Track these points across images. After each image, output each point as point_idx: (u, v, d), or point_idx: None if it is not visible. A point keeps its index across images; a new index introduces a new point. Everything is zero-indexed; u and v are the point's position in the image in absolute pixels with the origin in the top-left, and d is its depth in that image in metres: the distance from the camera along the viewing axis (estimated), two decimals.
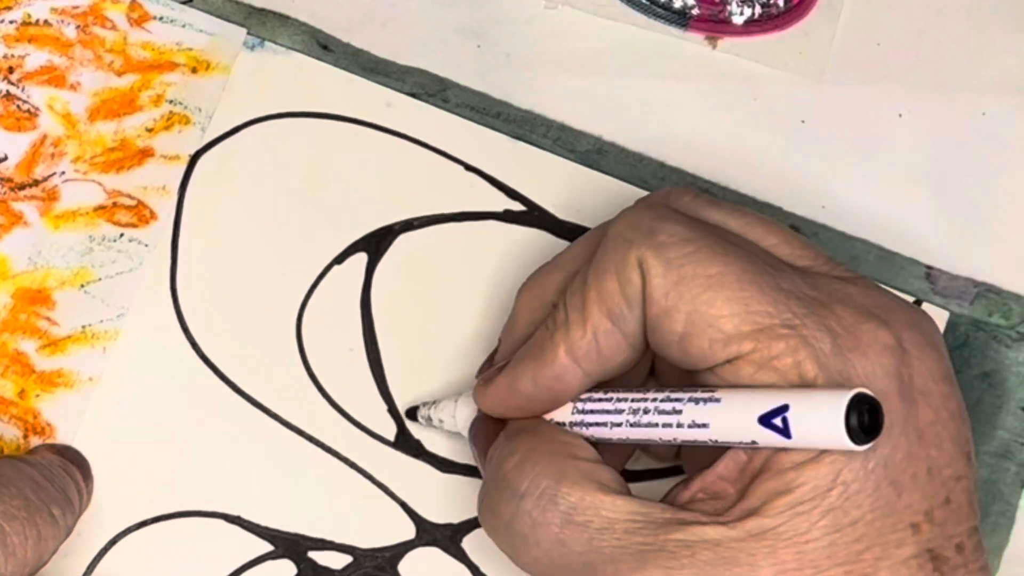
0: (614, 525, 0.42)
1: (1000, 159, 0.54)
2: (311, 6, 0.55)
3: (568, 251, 0.48)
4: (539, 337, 0.45)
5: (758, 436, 0.40)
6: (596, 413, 0.44)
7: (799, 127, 0.55)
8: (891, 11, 0.56)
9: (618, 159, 0.54)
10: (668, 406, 0.42)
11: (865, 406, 0.39)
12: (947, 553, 0.41)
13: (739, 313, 0.41)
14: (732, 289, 0.41)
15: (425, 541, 0.51)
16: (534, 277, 0.48)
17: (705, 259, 0.42)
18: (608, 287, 0.43)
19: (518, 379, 0.45)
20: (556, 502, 0.43)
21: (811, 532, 0.40)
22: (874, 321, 0.41)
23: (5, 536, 0.45)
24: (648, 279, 0.42)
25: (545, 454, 0.44)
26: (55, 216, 0.53)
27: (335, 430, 0.51)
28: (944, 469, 0.41)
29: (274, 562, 0.50)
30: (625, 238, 0.43)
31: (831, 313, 0.41)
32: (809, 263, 0.44)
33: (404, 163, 0.54)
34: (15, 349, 0.51)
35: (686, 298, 0.42)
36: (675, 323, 0.42)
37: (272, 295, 0.52)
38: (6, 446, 0.51)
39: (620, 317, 0.43)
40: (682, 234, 0.43)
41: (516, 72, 0.55)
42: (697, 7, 0.55)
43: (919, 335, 0.42)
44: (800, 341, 0.41)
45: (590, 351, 0.44)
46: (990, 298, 0.53)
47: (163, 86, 0.54)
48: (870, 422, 0.39)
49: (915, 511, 0.40)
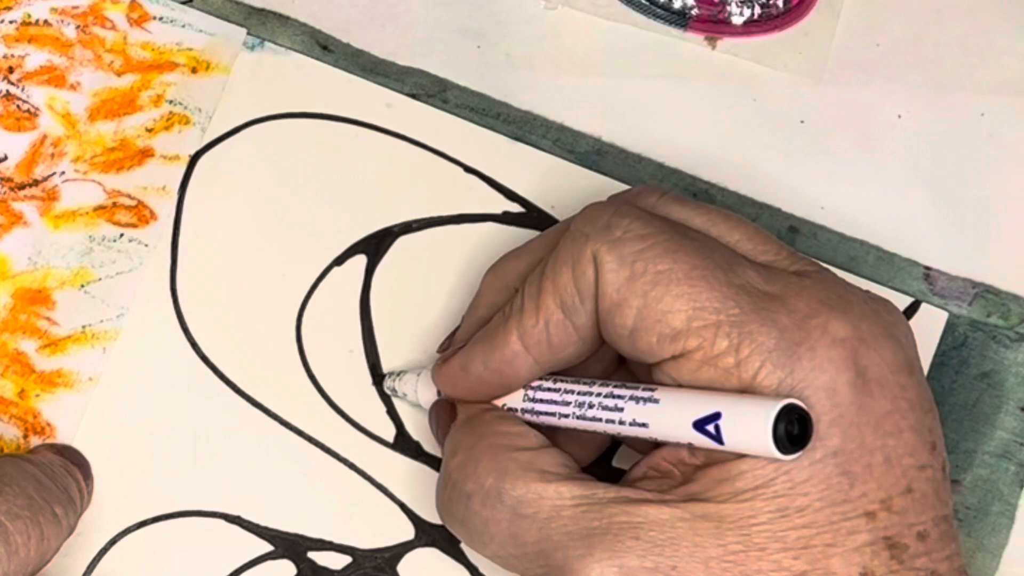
0: (560, 512, 0.43)
1: (999, 160, 0.54)
2: (311, 6, 0.55)
3: (536, 239, 0.49)
4: (495, 322, 0.46)
5: (693, 439, 0.41)
6: (545, 403, 0.45)
7: (799, 127, 0.55)
8: (891, 11, 0.56)
9: (618, 160, 0.54)
10: (611, 403, 0.44)
11: (795, 416, 0.40)
12: (906, 541, 0.41)
13: (686, 309, 0.42)
14: (681, 285, 0.42)
15: (424, 542, 0.51)
16: (500, 261, 0.49)
17: (658, 255, 0.43)
18: (563, 279, 0.44)
19: (471, 360, 0.46)
20: (502, 498, 0.44)
21: (757, 517, 0.41)
22: (827, 313, 0.42)
23: (8, 534, 0.45)
24: (601, 274, 0.43)
25: (487, 450, 0.45)
26: (55, 216, 0.53)
27: (335, 431, 0.51)
28: (904, 458, 0.41)
29: (274, 562, 0.50)
30: (583, 232, 0.44)
31: (782, 307, 0.42)
32: (771, 258, 0.44)
33: (403, 164, 0.54)
34: (15, 349, 0.52)
35: (637, 293, 0.43)
36: (625, 318, 0.43)
37: (272, 295, 0.53)
38: (6, 446, 0.51)
39: (572, 309, 0.44)
40: (638, 230, 0.43)
41: (516, 72, 0.55)
42: (697, 7, 0.55)
43: (876, 326, 0.42)
44: (744, 338, 0.41)
45: (540, 340, 0.45)
46: (989, 299, 0.53)
47: (163, 86, 0.54)
48: (799, 432, 0.40)
49: (870, 500, 0.41)
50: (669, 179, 0.54)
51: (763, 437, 0.39)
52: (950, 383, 0.52)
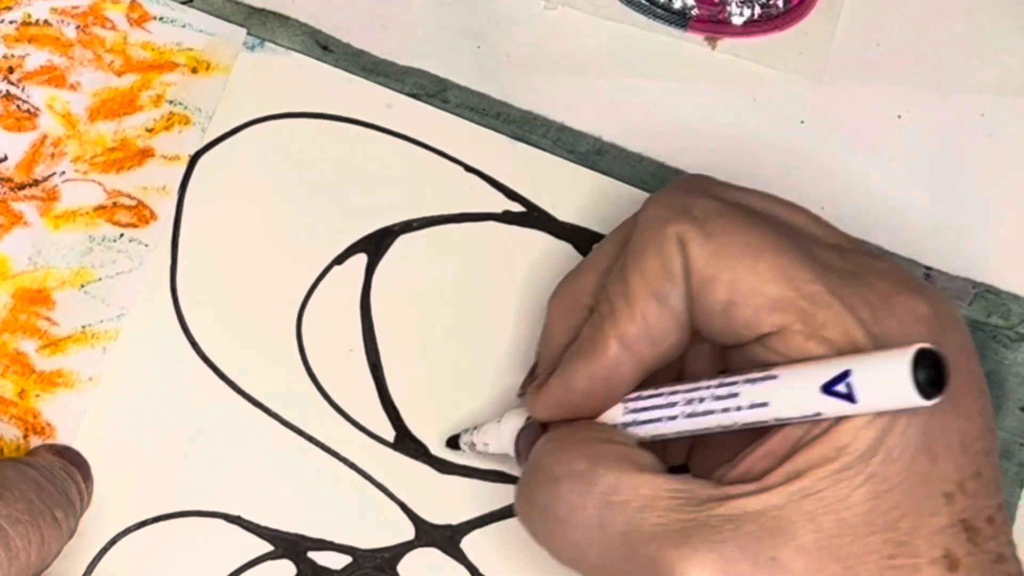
0: (654, 503, 0.41)
1: (999, 160, 0.54)
2: (311, 6, 0.55)
3: (594, 253, 0.48)
4: (587, 333, 0.45)
5: (822, 406, 0.40)
6: (648, 410, 0.44)
7: (799, 127, 0.55)
8: (891, 11, 0.56)
9: (618, 159, 0.54)
10: (724, 391, 0.42)
11: (928, 361, 0.38)
12: (979, 524, 0.41)
13: (780, 279, 0.41)
14: (772, 256, 0.41)
15: (424, 542, 0.51)
16: (563, 285, 0.48)
17: (742, 228, 0.42)
18: (650, 268, 0.43)
19: (572, 377, 0.45)
20: (593, 483, 0.42)
21: (851, 498, 0.40)
22: (908, 292, 0.42)
23: (8, 539, 0.45)
24: (688, 251, 0.42)
25: (580, 440, 0.44)
26: (55, 216, 0.53)
27: (335, 431, 0.51)
28: (975, 442, 0.41)
29: (274, 562, 0.50)
30: (660, 217, 0.43)
31: (865, 284, 0.41)
32: (837, 241, 0.44)
33: (404, 164, 0.54)
34: (15, 349, 0.51)
35: (727, 266, 0.42)
36: (718, 292, 0.42)
37: (272, 295, 0.53)
38: (6, 446, 0.51)
39: (666, 295, 0.43)
40: (715, 208, 0.43)
41: (516, 72, 0.55)
42: (697, 7, 0.55)
43: (948, 310, 0.42)
44: (844, 308, 0.41)
45: (640, 336, 0.44)
46: (989, 299, 0.53)
47: (163, 86, 0.54)
48: (937, 376, 0.38)
49: (949, 481, 0.40)
50: (669, 178, 0.54)
51: (904, 384, 0.38)
52: None
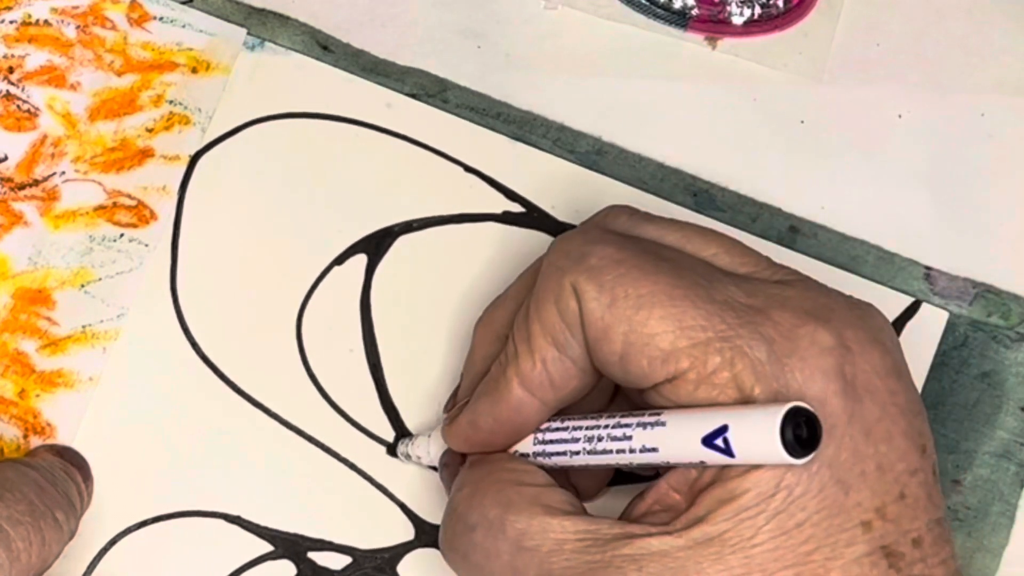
0: (563, 546, 0.42)
1: (999, 160, 0.54)
2: (311, 6, 0.55)
3: (516, 282, 0.48)
4: (494, 372, 0.45)
5: (704, 456, 0.41)
6: (555, 443, 0.45)
7: (799, 127, 0.55)
8: (891, 11, 0.56)
9: (618, 159, 0.54)
10: (619, 432, 0.43)
11: (802, 418, 0.39)
12: (902, 549, 0.41)
13: (673, 329, 0.41)
14: (664, 307, 0.42)
15: (424, 542, 0.51)
16: (486, 312, 0.49)
17: (636, 278, 0.42)
18: (548, 316, 0.44)
19: (478, 415, 0.46)
20: (505, 530, 0.43)
21: (757, 537, 0.40)
22: (812, 323, 0.41)
23: (10, 540, 0.45)
24: (583, 303, 0.43)
25: (493, 484, 0.44)
26: (55, 216, 0.53)
27: (335, 431, 0.51)
28: (896, 464, 0.41)
29: (274, 562, 0.50)
30: (558, 266, 0.44)
31: (767, 319, 0.41)
32: (750, 269, 0.44)
33: (404, 164, 0.54)
34: (15, 349, 0.51)
35: (621, 318, 0.42)
36: (613, 344, 0.42)
37: (272, 295, 0.53)
38: (6, 446, 0.51)
39: (565, 344, 0.44)
40: (612, 256, 0.43)
41: (516, 72, 0.55)
42: (697, 7, 0.55)
43: (862, 332, 0.42)
44: (736, 353, 0.41)
45: (542, 381, 0.44)
46: (989, 298, 0.53)
47: (163, 86, 0.54)
48: (808, 435, 0.39)
49: (865, 509, 0.40)
50: (669, 179, 0.54)
51: (772, 443, 0.39)
52: (950, 383, 0.52)
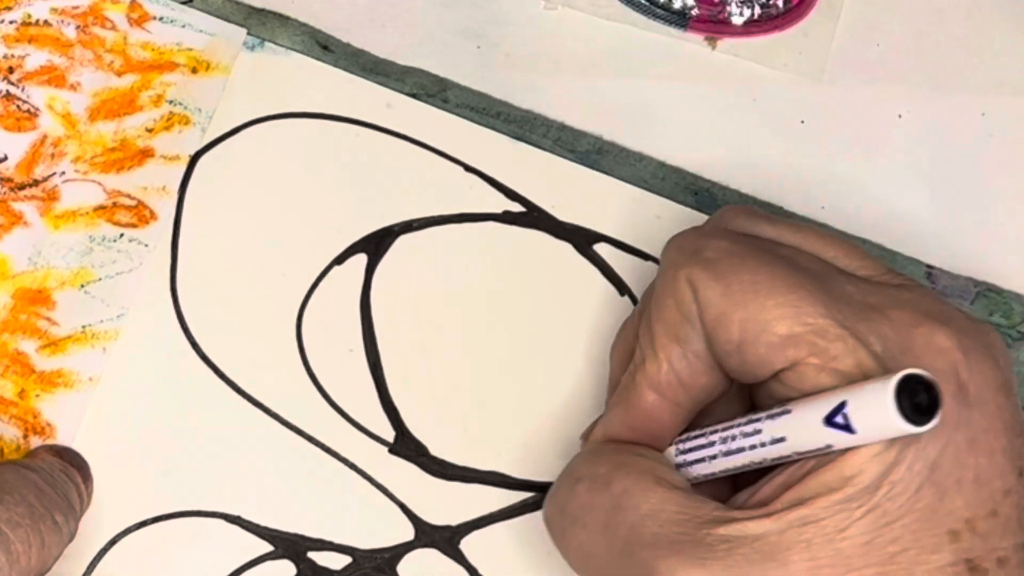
0: (659, 514, 0.42)
1: (999, 159, 0.54)
2: (311, 6, 0.55)
3: (641, 299, 0.49)
4: (624, 382, 0.45)
5: (830, 438, 0.40)
6: (695, 451, 0.44)
7: (799, 127, 0.55)
8: (891, 11, 0.56)
9: (618, 159, 0.54)
10: (750, 427, 0.42)
11: (919, 386, 0.38)
12: (987, 565, 0.40)
13: (790, 316, 0.41)
14: (781, 293, 0.42)
15: (424, 543, 0.51)
16: (619, 333, 0.49)
17: (752, 267, 0.42)
18: (668, 313, 0.44)
19: (611, 425, 0.46)
20: (610, 486, 0.43)
21: (849, 529, 0.40)
22: (930, 324, 0.41)
23: (9, 543, 0.45)
24: (699, 293, 0.43)
25: (612, 449, 0.45)
26: (55, 216, 0.53)
27: (335, 431, 0.51)
28: (993, 480, 0.40)
29: (274, 562, 0.50)
30: (673, 262, 0.44)
31: (883, 317, 0.41)
32: (869, 273, 0.44)
33: (404, 164, 0.54)
34: (15, 349, 0.51)
35: (737, 304, 0.42)
36: (730, 332, 0.42)
37: (272, 295, 0.52)
38: (6, 446, 0.51)
39: (686, 339, 0.44)
40: (726, 247, 0.43)
41: (516, 72, 0.55)
42: (697, 7, 0.55)
43: (978, 342, 0.41)
44: (857, 341, 0.40)
45: (670, 381, 0.44)
46: (991, 297, 0.53)
47: (163, 86, 0.54)
48: (928, 401, 0.38)
49: (956, 518, 0.40)
50: (670, 178, 0.54)
51: (889, 411, 0.38)
52: None
